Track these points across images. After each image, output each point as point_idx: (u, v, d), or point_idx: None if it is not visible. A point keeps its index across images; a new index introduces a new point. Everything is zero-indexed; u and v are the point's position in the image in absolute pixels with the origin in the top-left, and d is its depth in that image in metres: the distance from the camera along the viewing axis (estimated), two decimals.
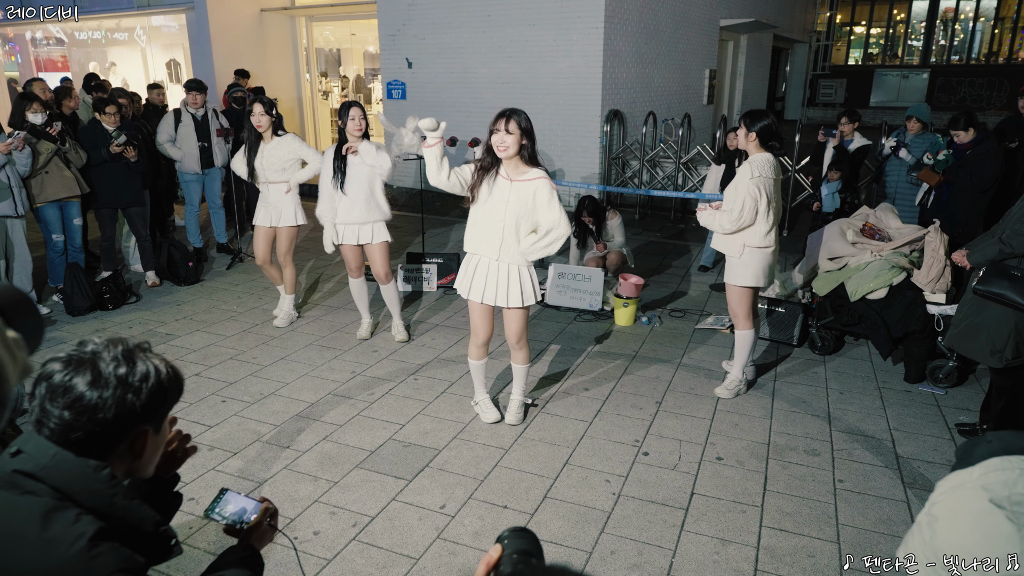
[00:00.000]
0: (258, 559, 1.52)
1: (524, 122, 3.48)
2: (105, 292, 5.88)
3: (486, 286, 3.71)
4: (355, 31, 14.20)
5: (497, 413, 4.04)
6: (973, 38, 22.93)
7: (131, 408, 1.23)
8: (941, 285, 4.56)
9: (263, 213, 5.37)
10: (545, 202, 3.56)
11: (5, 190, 5.31)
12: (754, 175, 3.96)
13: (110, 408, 1.20)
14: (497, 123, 3.48)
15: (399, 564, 2.87)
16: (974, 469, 1.03)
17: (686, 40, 11.70)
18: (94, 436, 1.21)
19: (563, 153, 9.68)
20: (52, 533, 1.13)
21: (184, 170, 7.03)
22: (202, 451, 3.61)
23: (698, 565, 2.88)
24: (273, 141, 5.18)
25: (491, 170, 3.59)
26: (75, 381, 1.20)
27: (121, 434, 1.24)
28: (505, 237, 3.61)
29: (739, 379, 4.37)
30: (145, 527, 1.26)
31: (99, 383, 1.20)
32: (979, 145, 5.44)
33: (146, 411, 1.25)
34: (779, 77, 20.26)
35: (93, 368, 1.21)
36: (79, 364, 1.22)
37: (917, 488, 3.40)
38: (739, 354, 4.33)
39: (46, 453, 1.19)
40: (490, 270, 3.70)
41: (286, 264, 5.48)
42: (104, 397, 1.20)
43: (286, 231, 5.37)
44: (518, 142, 3.48)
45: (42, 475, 1.18)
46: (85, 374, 1.20)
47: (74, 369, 1.21)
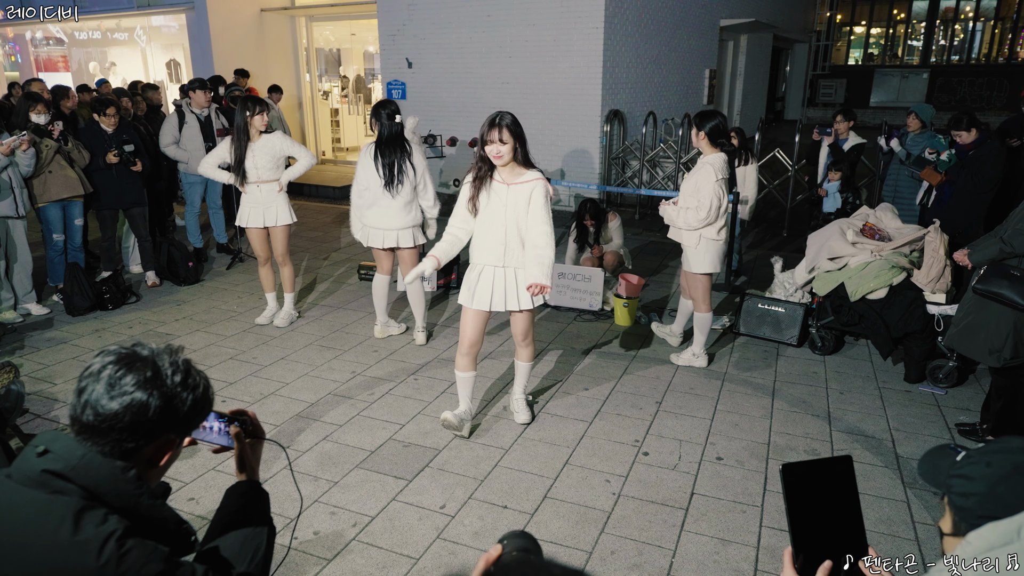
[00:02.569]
0: (260, 496, 1.51)
1: (513, 126, 3.47)
2: (105, 292, 5.88)
3: (493, 293, 3.66)
4: (355, 31, 14.20)
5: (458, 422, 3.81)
6: (973, 38, 22.94)
7: (174, 413, 1.26)
8: (941, 285, 4.56)
9: (254, 214, 5.25)
10: (537, 208, 3.54)
11: (7, 190, 5.31)
12: (718, 177, 4.32)
13: (157, 410, 1.23)
14: (490, 134, 3.46)
15: (399, 564, 2.87)
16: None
17: (686, 40, 11.70)
18: (131, 431, 1.23)
19: (563, 153, 9.68)
20: (83, 532, 1.16)
21: (190, 171, 6.96)
22: (202, 451, 3.61)
23: (698, 565, 2.88)
24: (261, 139, 5.09)
25: (486, 178, 3.59)
26: (130, 377, 1.23)
27: (152, 437, 1.26)
28: (508, 241, 3.60)
29: (697, 354, 4.80)
30: (168, 526, 1.29)
31: (156, 383, 1.24)
32: (982, 146, 5.44)
33: (184, 420, 1.29)
34: (779, 77, 20.26)
35: (154, 369, 1.25)
36: (136, 362, 1.25)
37: (917, 488, 3.40)
38: (699, 334, 4.75)
39: (75, 453, 1.21)
40: (496, 277, 3.66)
41: (285, 263, 5.46)
42: (155, 397, 1.23)
43: (282, 230, 5.33)
44: (512, 149, 3.48)
45: (71, 475, 1.19)
46: (144, 372, 1.24)
47: (128, 366, 1.24)
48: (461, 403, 3.91)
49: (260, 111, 5.03)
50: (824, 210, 6.55)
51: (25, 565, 1.16)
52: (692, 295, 4.73)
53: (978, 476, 1.18)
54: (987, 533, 1.11)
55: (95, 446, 1.23)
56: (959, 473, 1.21)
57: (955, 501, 1.21)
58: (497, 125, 3.45)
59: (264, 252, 5.43)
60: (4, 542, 1.17)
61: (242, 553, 1.40)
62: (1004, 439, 1.22)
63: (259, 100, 5.12)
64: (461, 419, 3.84)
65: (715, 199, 4.32)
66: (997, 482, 1.16)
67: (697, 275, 4.60)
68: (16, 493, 1.19)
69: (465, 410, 3.89)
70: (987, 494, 1.16)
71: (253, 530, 1.44)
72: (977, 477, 1.18)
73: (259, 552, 1.43)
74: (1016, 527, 1.08)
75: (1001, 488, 1.15)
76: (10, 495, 1.19)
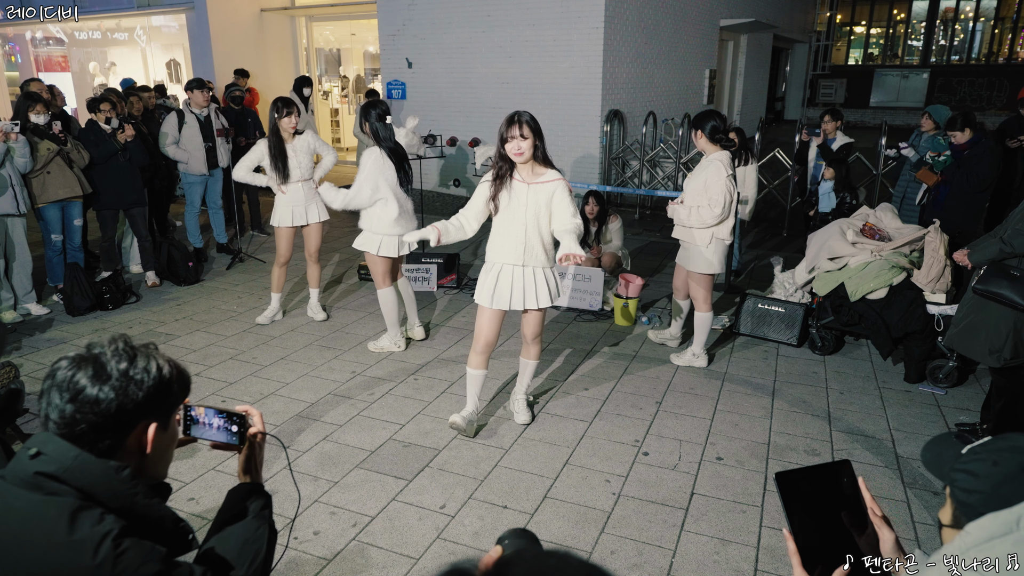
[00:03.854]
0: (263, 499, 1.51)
1: (533, 123, 3.50)
2: (105, 292, 5.88)
3: (512, 292, 3.65)
4: (355, 31, 14.20)
5: (466, 423, 3.82)
6: (973, 38, 22.93)
7: (133, 400, 1.25)
8: (941, 285, 4.56)
9: (287, 214, 5.27)
10: (563, 204, 3.55)
11: (6, 187, 5.30)
12: (728, 172, 4.35)
13: (112, 401, 1.23)
14: (511, 130, 3.46)
15: (399, 564, 2.87)
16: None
17: (686, 40, 11.70)
18: (97, 428, 1.23)
19: (563, 153, 9.67)
20: (79, 533, 1.16)
21: (190, 171, 6.96)
22: (202, 451, 3.61)
23: (698, 565, 2.88)
24: (297, 139, 5.21)
25: (507, 176, 3.58)
26: (78, 376, 1.23)
27: (125, 428, 1.26)
28: (528, 240, 3.59)
29: (697, 354, 4.80)
30: (165, 525, 1.29)
31: (101, 377, 1.23)
32: (976, 145, 5.45)
33: (149, 404, 1.27)
34: (779, 77, 20.26)
35: (95, 363, 1.25)
36: (83, 361, 1.25)
37: (917, 488, 3.40)
38: (699, 334, 4.77)
39: (67, 455, 1.21)
40: (515, 276, 3.64)
41: (316, 260, 5.53)
42: (105, 390, 1.23)
43: (319, 227, 5.44)
44: (532, 145, 3.49)
45: (65, 476, 1.19)
46: (87, 369, 1.24)
47: (77, 365, 1.24)
48: (469, 402, 3.90)
49: (288, 113, 5.08)
50: (820, 210, 6.56)
51: (21, 566, 1.15)
52: (693, 295, 4.72)
53: (984, 474, 1.16)
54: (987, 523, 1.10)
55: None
56: (965, 468, 1.19)
57: (958, 496, 1.19)
58: (517, 122, 3.46)
59: (288, 252, 5.47)
60: (0, 543, 1.17)
61: (242, 556, 1.40)
62: (1012, 436, 1.20)
63: (288, 102, 5.13)
64: (469, 420, 3.84)
65: (728, 195, 4.34)
66: (1003, 481, 1.14)
67: (702, 275, 4.60)
68: (10, 495, 1.19)
69: (472, 410, 3.89)
70: (992, 493, 1.14)
71: (254, 533, 1.44)
72: (983, 475, 1.16)
73: (259, 556, 1.42)
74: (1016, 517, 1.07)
75: (1006, 488, 1.13)
76: (5, 496, 1.19)
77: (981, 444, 1.22)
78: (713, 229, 4.44)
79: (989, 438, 1.23)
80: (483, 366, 3.86)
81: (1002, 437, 1.21)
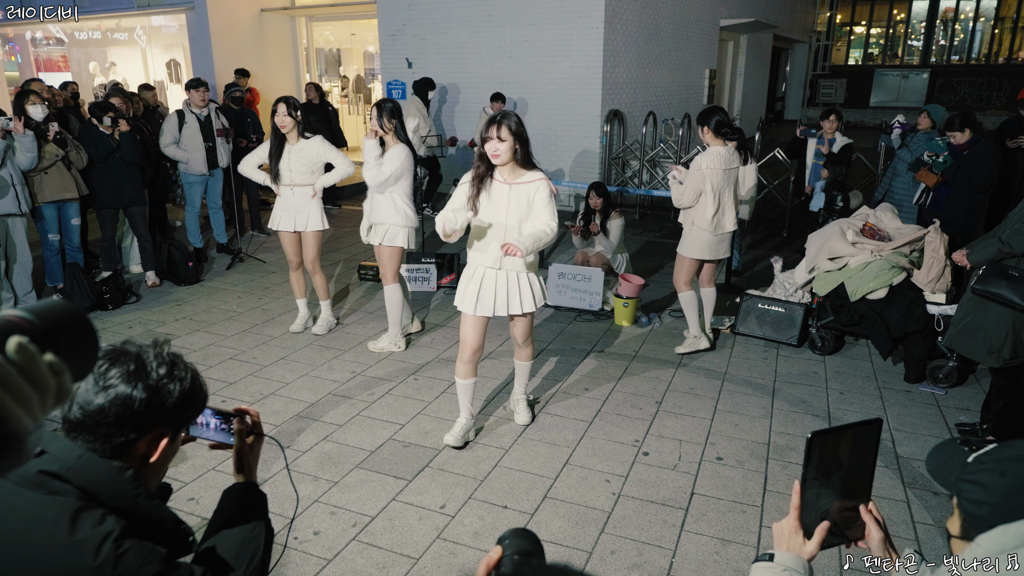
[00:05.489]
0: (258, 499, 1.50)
1: (515, 126, 3.41)
2: (105, 292, 5.87)
3: (496, 298, 3.58)
4: (355, 31, 14.21)
5: (462, 441, 3.78)
6: (973, 38, 22.94)
7: (160, 406, 1.25)
8: (941, 285, 4.56)
9: (285, 218, 5.10)
10: (541, 205, 3.48)
11: (7, 187, 5.29)
12: (701, 167, 4.55)
13: (142, 403, 1.23)
14: (488, 131, 3.41)
15: (399, 564, 2.87)
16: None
17: (686, 40, 11.71)
18: (119, 424, 1.23)
19: (563, 153, 9.68)
20: (80, 532, 1.16)
21: (190, 171, 6.94)
22: (202, 451, 3.61)
23: (698, 565, 2.88)
24: (300, 143, 4.95)
25: (486, 177, 3.53)
26: (115, 371, 1.23)
27: (142, 431, 1.26)
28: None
29: (697, 336, 4.98)
30: (166, 526, 1.29)
31: (140, 376, 1.24)
32: (975, 146, 5.45)
33: (172, 414, 1.28)
34: (779, 77, 20.27)
35: (138, 362, 1.25)
36: (121, 356, 1.25)
37: (917, 488, 3.40)
38: (688, 314, 4.98)
39: (71, 454, 1.21)
40: (498, 281, 3.58)
41: (315, 271, 5.27)
42: (139, 389, 1.23)
43: (313, 236, 5.14)
44: (511, 148, 3.41)
45: (68, 476, 1.19)
46: (128, 365, 1.24)
47: (114, 360, 1.24)
48: (462, 414, 3.82)
49: (283, 104, 4.85)
50: (811, 208, 6.57)
51: (22, 565, 1.15)
52: (674, 274, 5.01)
53: (992, 485, 1.13)
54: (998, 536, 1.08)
55: (85, 443, 1.23)
56: (972, 479, 1.16)
57: (966, 507, 1.16)
58: (496, 123, 3.41)
59: (295, 257, 5.26)
60: (1, 543, 1.17)
61: (240, 556, 1.40)
62: (1018, 444, 1.17)
63: (287, 100, 4.93)
64: (463, 437, 3.78)
65: (690, 187, 4.58)
66: (1012, 492, 1.11)
67: (679, 255, 4.90)
68: (12, 494, 1.19)
69: (465, 423, 3.81)
70: (1001, 505, 1.11)
71: (251, 533, 1.44)
72: (991, 486, 1.13)
73: (257, 555, 1.42)
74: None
75: (1016, 500, 1.10)
76: (6, 496, 1.19)
77: (987, 453, 1.19)
78: (691, 215, 4.69)
79: (995, 446, 1.20)
80: (471, 375, 3.77)
81: (1008, 445, 1.18)
